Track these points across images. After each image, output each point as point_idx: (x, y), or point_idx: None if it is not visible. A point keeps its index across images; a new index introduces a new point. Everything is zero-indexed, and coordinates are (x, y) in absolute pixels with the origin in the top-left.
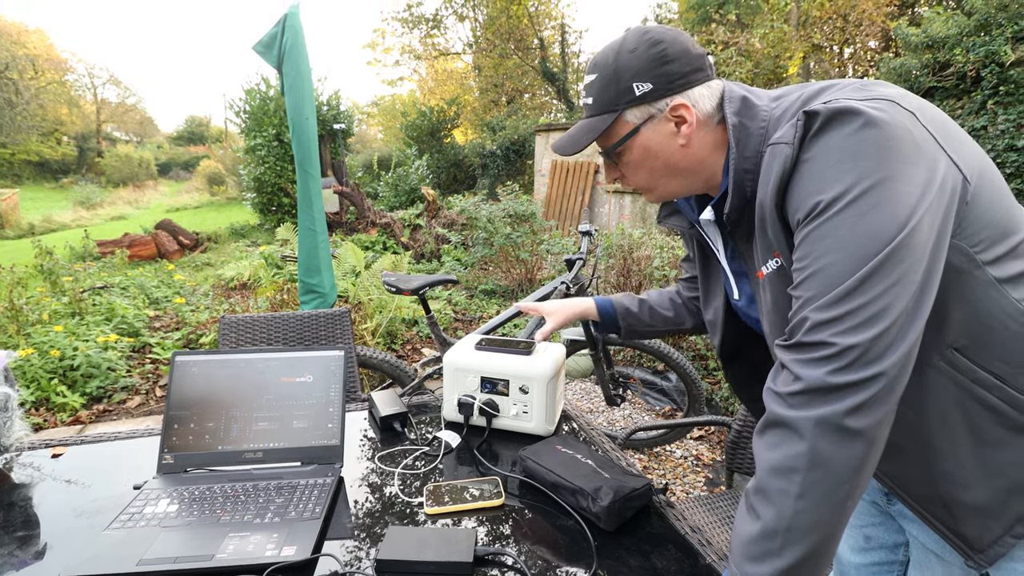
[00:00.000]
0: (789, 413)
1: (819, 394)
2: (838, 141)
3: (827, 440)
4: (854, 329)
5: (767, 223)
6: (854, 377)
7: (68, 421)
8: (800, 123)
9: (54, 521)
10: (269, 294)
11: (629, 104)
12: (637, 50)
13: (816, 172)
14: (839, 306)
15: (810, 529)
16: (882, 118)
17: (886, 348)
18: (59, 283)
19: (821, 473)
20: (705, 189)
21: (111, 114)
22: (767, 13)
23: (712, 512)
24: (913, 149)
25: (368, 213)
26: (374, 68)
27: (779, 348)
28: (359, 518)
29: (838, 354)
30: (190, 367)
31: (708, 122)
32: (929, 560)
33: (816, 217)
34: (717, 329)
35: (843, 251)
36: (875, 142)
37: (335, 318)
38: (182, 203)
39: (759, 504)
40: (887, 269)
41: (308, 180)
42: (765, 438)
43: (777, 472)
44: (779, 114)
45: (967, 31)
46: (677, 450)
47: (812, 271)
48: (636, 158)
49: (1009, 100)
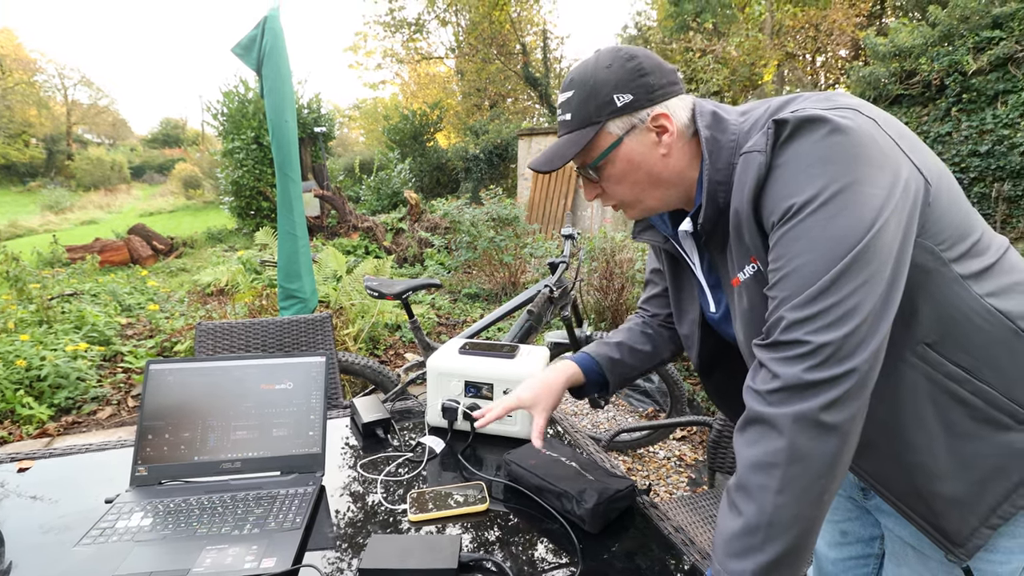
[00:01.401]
0: (768, 410)
1: (796, 391)
2: (807, 147)
3: (805, 435)
4: (827, 327)
5: (743, 229)
6: (828, 373)
7: (35, 434)
8: (771, 131)
9: (20, 538)
10: (247, 300)
11: (611, 115)
12: (613, 65)
13: (788, 177)
14: (812, 305)
15: (791, 523)
16: (848, 125)
17: (857, 345)
18: (26, 290)
19: (800, 468)
20: (682, 203)
21: (82, 116)
22: (743, 22)
23: (695, 512)
24: (878, 154)
25: (350, 217)
26: (356, 71)
27: (757, 347)
28: (341, 527)
29: (812, 351)
30: (165, 376)
31: (684, 133)
32: (905, 552)
33: (790, 219)
34: (693, 342)
35: (815, 252)
36: (842, 148)
37: (316, 324)
38: (156, 207)
39: (740, 500)
40: (856, 269)
41: (288, 184)
42: (745, 435)
43: (757, 468)
44: (748, 127)
45: (932, 41)
46: (660, 451)
47: (786, 272)
48: (619, 171)
49: (972, 107)
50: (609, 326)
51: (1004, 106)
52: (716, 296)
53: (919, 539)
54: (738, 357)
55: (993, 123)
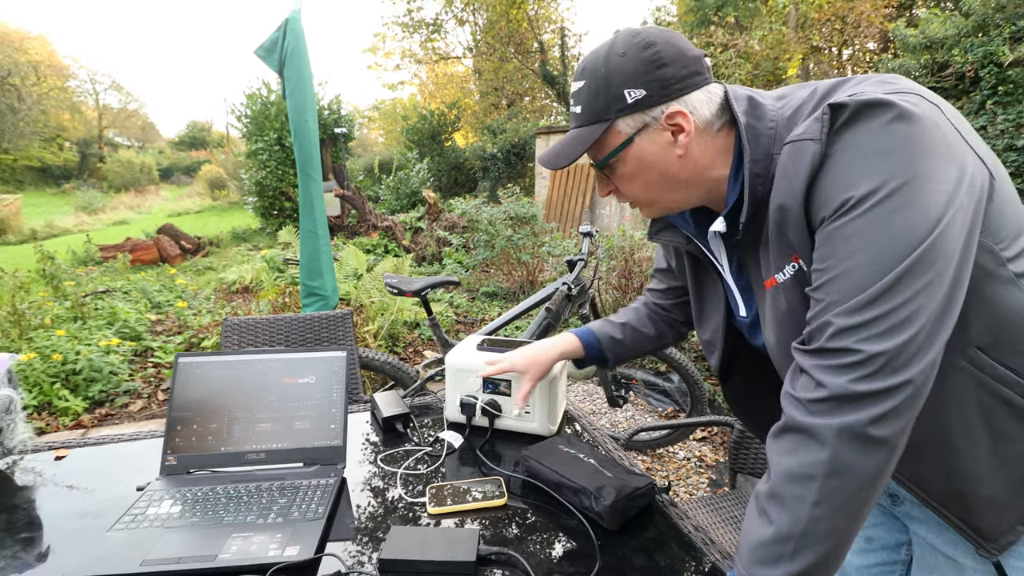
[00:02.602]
0: (810, 420)
1: (843, 402)
2: (867, 135)
3: (849, 448)
4: (880, 336)
5: (788, 226)
6: (880, 385)
7: (70, 425)
8: (826, 116)
9: (57, 523)
10: (271, 297)
11: (621, 112)
12: (627, 54)
13: (845, 167)
14: (865, 311)
15: (825, 535)
16: (914, 111)
17: (913, 355)
18: (61, 288)
19: (840, 480)
20: (705, 201)
21: (113, 120)
22: (766, 15)
23: (716, 512)
24: (944, 145)
25: (369, 216)
26: (375, 72)
27: (799, 352)
28: (362, 519)
29: (863, 361)
30: (193, 369)
31: (708, 130)
32: (936, 559)
33: (844, 214)
34: (716, 348)
35: (871, 253)
36: (907, 137)
37: (337, 320)
38: (184, 208)
39: (772, 509)
40: (916, 273)
41: (310, 184)
42: (781, 442)
43: (794, 478)
44: (789, 113)
45: (965, 32)
46: (680, 451)
47: (836, 273)
48: (630, 170)
49: (1008, 100)
50: None
51: None
52: (747, 299)
53: (954, 546)
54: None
55: None
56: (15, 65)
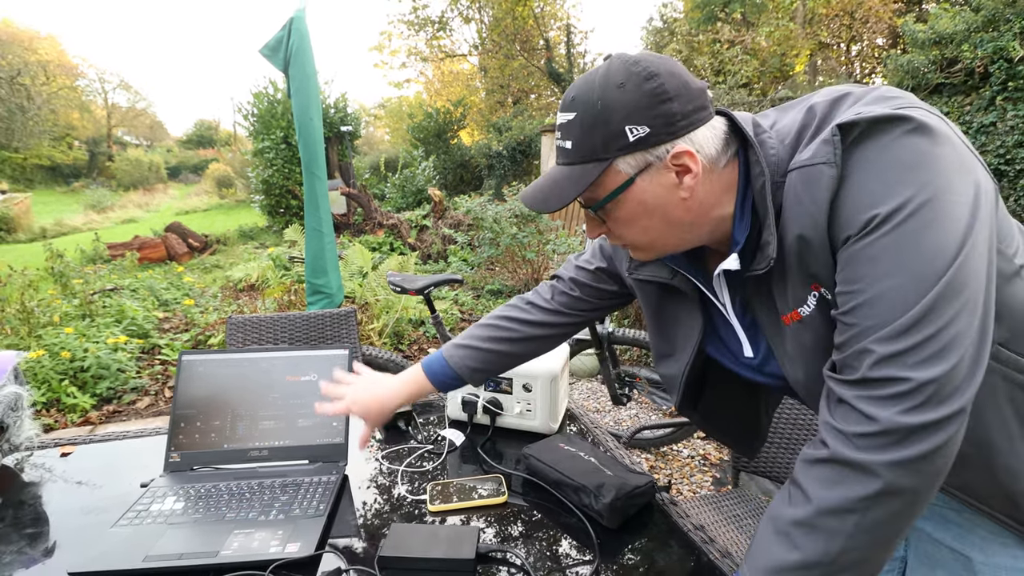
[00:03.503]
0: (860, 456)
1: (896, 436)
2: (883, 151)
3: (899, 483)
4: (927, 362)
5: (810, 256)
6: (933, 416)
7: (78, 422)
8: (837, 138)
9: (63, 518)
10: (277, 295)
11: (621, 151)
12: (627, 85)
13: (864, 184)
14: (908, 337)
15: (854, 564)
16: (930, 124)
17: (963, 380)
18: (70, 285)
19: (881, 514)
20: (706, 241)
21: (121, 119)
22: (773, 11)
23: (719, 511)
24: (957, 158)
25: (375, 214)
26: (381, 70)
27: (836, 382)
28: (363, 516)
29: (912, 391)
30: (196, 367)
31: (714, 168)
32: (942, 555)
33: (870, 233)
34: (678, 385)
35: (904, 274)
36: (925, 150)
37: (341, 318)
38: (191, 206)
39: (801, 537)
40: (953, 292)
41: (315, 182)
42: (820, 472)
43: (833, 513)
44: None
45: (975, 27)
46: (684, 449)
47: (869, 296)
48: (629, 213)
49: (1018, 96)
50: (632, 322)
51: None
52: (753, 340)
53: (963, 542)
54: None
55: None
56: (25, 65)
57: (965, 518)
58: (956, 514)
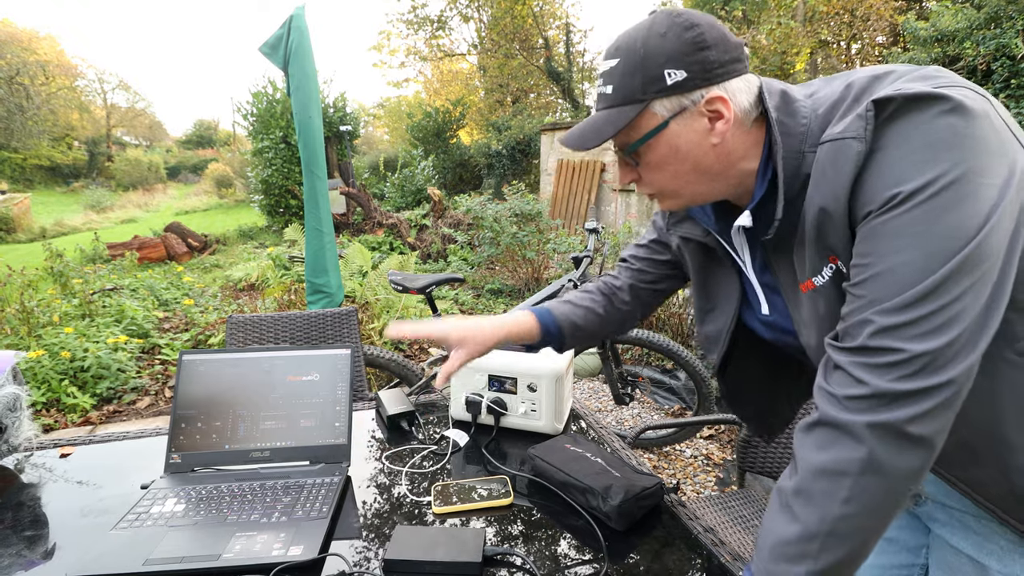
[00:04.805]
0: (847, 416)
1: (883, 400)
2: (917, 128)
3: (886, 446)
4: (925, 335)
5: (829, 228)
6: (922, 384)
7: (78, 422)
8: (871, 113)
9: (62, 520)
10: (277, 295)
11: (658, 94)
12: (668, 34)
13: (893, 161)
14: (911, 310)
15: (851, 534)
16: (967, 104)
17: (955, 355)
18: (69, 285)
19: (874, 479)
20: (729, 195)
21: (121, 119)
22: (773, 9)
23: (724, 512)
24: (996, 140)
25: (375, 214)
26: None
27: (834, 349)
28: (367, 518)
29: (906, 361)
30: (197, 366)
31: (744, 120)
32: (960, 561)
33: (891, 209)
34: (720, 344)
35: (918, 250)
36: (959, 130)
37: (341, 317)
38: (191, 206)
39: (799, 505)
40: (964, 272)
41: (315, 181)
42: (813, 438)
43: (824, 475)
44: (824, 110)
45: (977, 24)
46: (687, 449)
47: (880, 269)
48: (660, 157)
49: (1021, 93)
50: None
51: None
52: (770, 298)
53: (979, 550)
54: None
55: None
56: (23, 65)
57: (984, 525)
58: (976, 521)
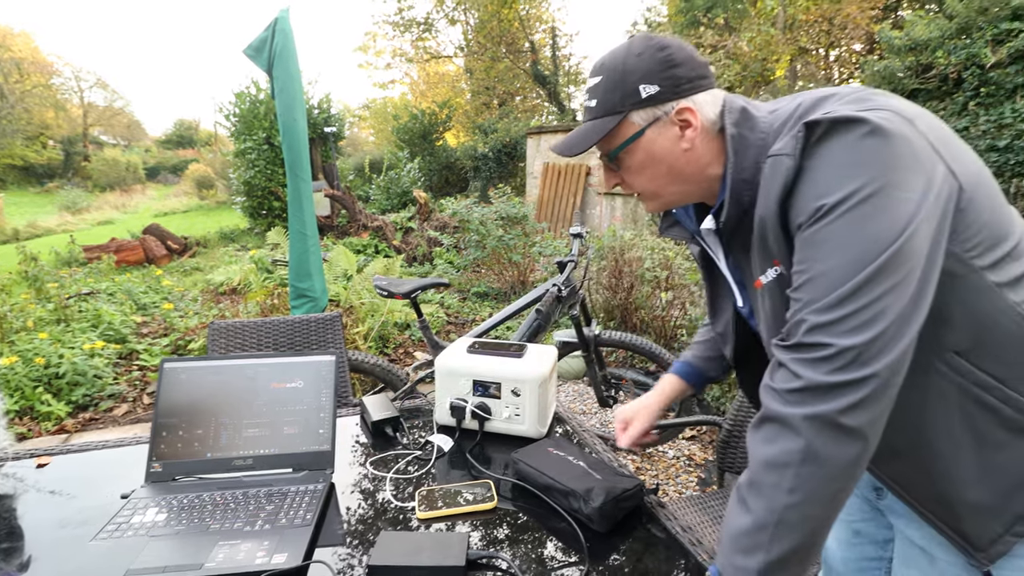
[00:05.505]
0: (786, 410)
1: (817, 392)
2: (840, 149)
3: (822, 436)
4: (851, 331)
5: (768, 233)
6: (849, 376)
7: (53, 430)
8: (801, 135)
9: (39, 532)
10: (259, 299)
11: (635, 106)
12: (644, 54)
13: (819, 178)
14: (838, 309)
15: (799, 523)
16: (885, 127)
17: (881, 350)
18: (44, 289)
19: (813, 468)
20: (704, 198)
21: (98, 118)
22: (754, 17)
23: (704, 511)
24: (912, 158)
25: (359, 216)
26: (365, 71)
27: (777, 348)
28: (351, 524)
29: (835, 355)
30: (179, 374)
31: (711, 129)
32: (915, 555)
33: (818, 220)
34: (728, 339)
35: (843, 255)
36: (876, 150)
37: (326, 323)
38: (170, 207)
39: (751, 497)
40: (885, 274)
41: (299, 184)
42: (760, 433)
43: (770, 466)
44: (778, 126)
45: (948, 34)
46: (669, 451)
47: (812, 275)
48: (639, 162)
49: (990, 101)
50: (618, 325)
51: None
52: (742, 292)
53: (929, 541)
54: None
55: (1012, 117)
56: None
57: None
58: None
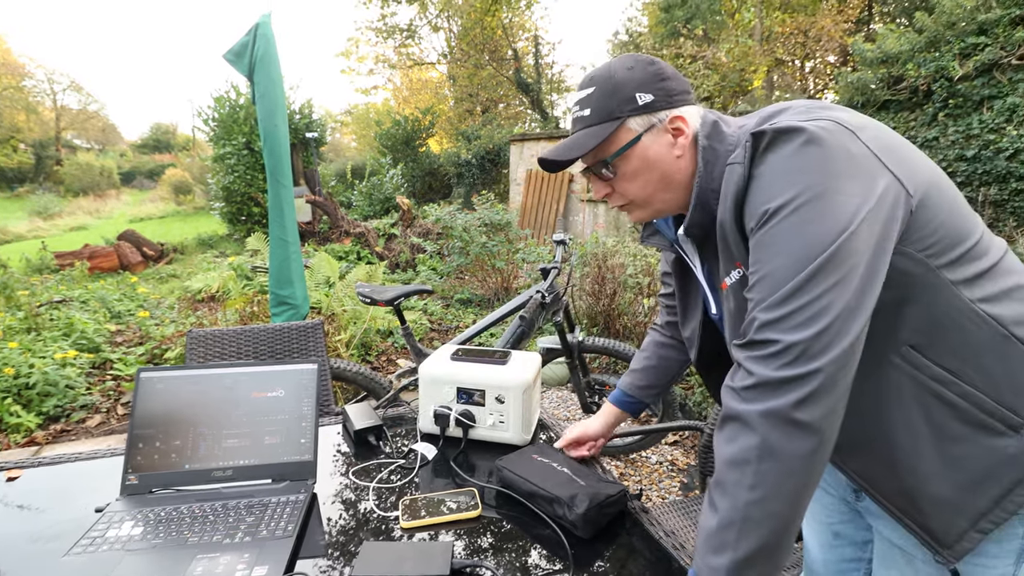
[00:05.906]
0: (742, 407)
1: (768, 388)
2: (782, 157)
3: (776, 432)
4: (796, 327)
5: (728, 236)
6: (797, 371)
7: (22, 442)
8: (748, 144)
9: (8, 548)
10: (239, 306)
11: (632, 112)
12: (635, 68)
13: (765, 185)
14: (783, 306)
15: (763, 520)
16: (821, 136)
17: (827, 345)
18: (14, 297)
19: (771, 464)
20: (683, 208)
21: (71, 121)
22: (732, 28)
23: (687, 516)
24: (850, 164)
25: (342, 223)
26: (348, 77)
27: (734, 347)
28: (333, 535)
29: (783, 351)
30: (155, 384)
31: (695, 140)
32: (892, 553)
33: (765, 224)
34: (694, 343)
35: (787, 256)
36: (815, 157)
37: (307, 331)
38: (146, 213)
39: (717, 497)
40: (827, 271)
41: (280, 189)
42: (723, 432)
43: (732, 464)
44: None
45: (918, 47)
46: (653, 456)
47: (762, 275)
48: (634, 168)
49: (958, 112)
50: (601, 331)
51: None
52: (715, 298)
53: (906, 540)
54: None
55: (979, 128)
56: None
57: None
58: None
